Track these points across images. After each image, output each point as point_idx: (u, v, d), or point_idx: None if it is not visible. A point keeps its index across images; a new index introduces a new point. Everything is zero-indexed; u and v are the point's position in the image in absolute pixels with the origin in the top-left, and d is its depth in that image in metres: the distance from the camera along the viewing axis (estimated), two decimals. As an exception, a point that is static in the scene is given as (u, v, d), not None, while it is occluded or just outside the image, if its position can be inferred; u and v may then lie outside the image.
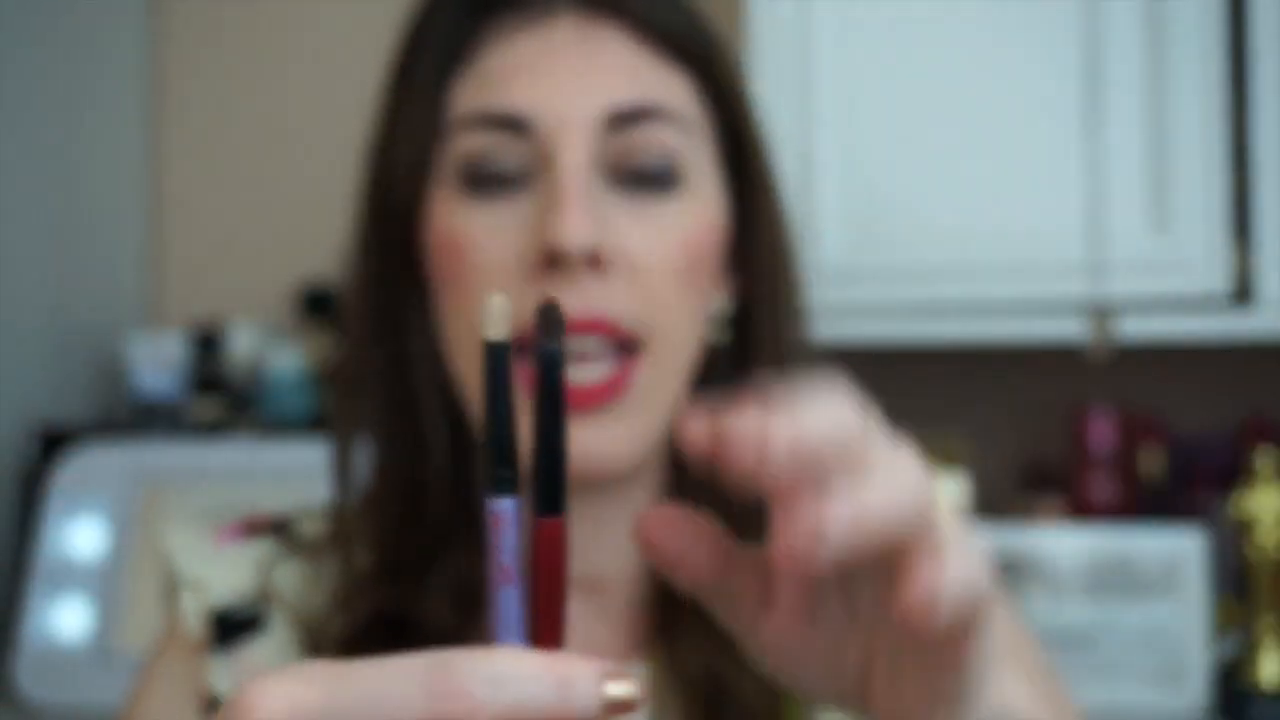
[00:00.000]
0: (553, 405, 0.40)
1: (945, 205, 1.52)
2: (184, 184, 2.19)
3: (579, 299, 0.63)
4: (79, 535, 1.67)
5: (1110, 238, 1.47)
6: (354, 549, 0.71)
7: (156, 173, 2.19)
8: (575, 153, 0.64)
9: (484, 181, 0.66)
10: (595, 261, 0.64)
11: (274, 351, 1.95)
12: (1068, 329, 1.48)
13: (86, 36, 2.04)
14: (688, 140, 0.67)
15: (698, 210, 0.68)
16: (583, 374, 0.64)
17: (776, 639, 0.46)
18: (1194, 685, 1.47)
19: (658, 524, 0.46)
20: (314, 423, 1.85)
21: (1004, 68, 1.51)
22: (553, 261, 0.63)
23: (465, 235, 0.66)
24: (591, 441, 0.64)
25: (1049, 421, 1.79)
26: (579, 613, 0.69)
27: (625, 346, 0.65)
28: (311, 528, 0.77)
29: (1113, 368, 1.57)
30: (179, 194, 2.19)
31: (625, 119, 0.65)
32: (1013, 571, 1.52)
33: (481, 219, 0.66)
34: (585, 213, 0.63)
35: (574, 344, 0.63)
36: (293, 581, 0.75)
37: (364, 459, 0.73)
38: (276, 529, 0.78)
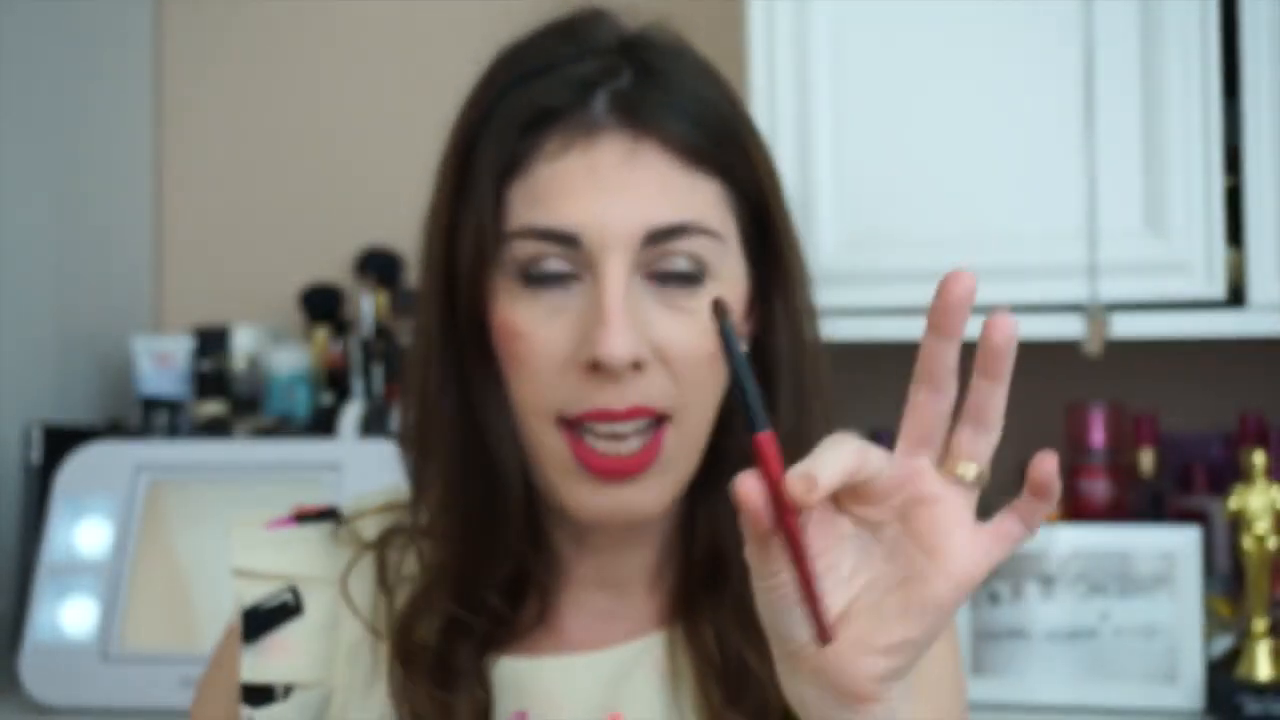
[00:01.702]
0: (736, 359, 0.60)
1: (942, 207, 1.53)
2: (188, 187, 2.20)
3: (619, 395, 0.75)
4: (84, 534, 1.68)
5: (1105, 239, 1.48)
6: (420, 532, 0.83)
7: (161, 176, 2.20)
8: (618, 268, 0.75)
9: (539, 278, 0.77)
10: (636, 366, 0.75)
11: (276, 352, 1.96)
12: (1063, 329, 1.49)
13: (93, 43, 2.05)
14: (716, 245, 0.78)
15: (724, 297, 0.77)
16: (621, 448, 0.76)
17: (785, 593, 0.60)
18: (1189, 682, 1.48)
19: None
20: (315, 422, 1.86)
21: (1000, 71, 1.52)
22: (599, 367, 0.75)
23: (524, 322, 0.77)
24: (629, 500, 0.77)
25: (1044, 421, 1.80)
26: (605, 604, 0.84)
27: (656, 420, 0.77)
28: (364, 519, 0.87)
29: (1108, 367, 1.58)
30: (183, 197, 2.20)
31: (660, 236, 0.76)
32: (1008, 570, 1.53)
33: (537, 309, 0.77)
34: (626, 329, 0.74)
35: (616, 428, 0.76)
36: (339, 558, 0.85)
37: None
38: (329, 515, 0.88)
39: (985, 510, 0.66)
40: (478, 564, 0.81)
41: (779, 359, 0.83)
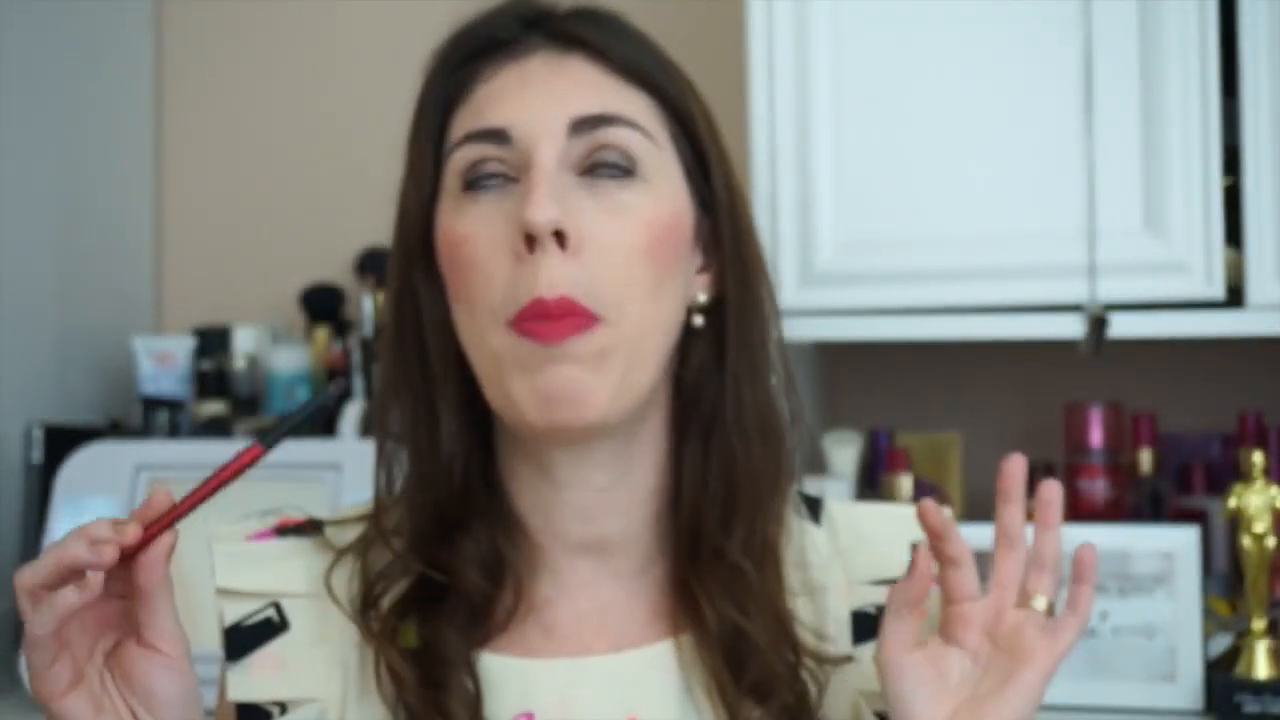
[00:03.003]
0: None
1: (941, 207, 1.53)
2: (189, 188, 2.20)
3: (549, 281, 0.76)
4: (85, 534, 1.68)
5: (1104, 240, 1.49)
6: (390, 531, 0.84)
7: (162, 177, 2.20)
8: (545, 154, 0.78)
9: (477, 180, 0.80)
10: (561, 239, 0.77)
11: (277, 352, 1.96)
12: (1062, 329, 1.50)
13: (94, 44, 2.06)
14: (647, 143, 0.81)
15: (658, 199, 0.81)
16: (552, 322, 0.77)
17: (913, 656, 0.78)
18: (1188, 682, 1.48)
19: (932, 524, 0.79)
20: (315, 422, 1.86)
21: (999, 71, 1.52)
22: (530, 242, 0.77)
23: (465, 229, 0.80)
24: (573, 379, 0.77)
25: (1043, 421, 1.81)
26: (594, 575, 0.84)
27: (589, 319, 0.77)
28: (341, 526, 0.88)
29: (1107, 367, 1.59)
30: (184, 198, 2.20)
31: (587, 123, 0.79)
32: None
33: (477, 214, 0.80)
34: (549, 196, 0.76)
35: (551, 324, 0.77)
36: (321, 571, 0.86)
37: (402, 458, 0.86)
38: (311, 527, 0.89)
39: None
40: (443, 534, 0.83)
41: (729, 297, 0.84)
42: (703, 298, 0.84)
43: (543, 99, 0.80)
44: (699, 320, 0.84)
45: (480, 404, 0.82)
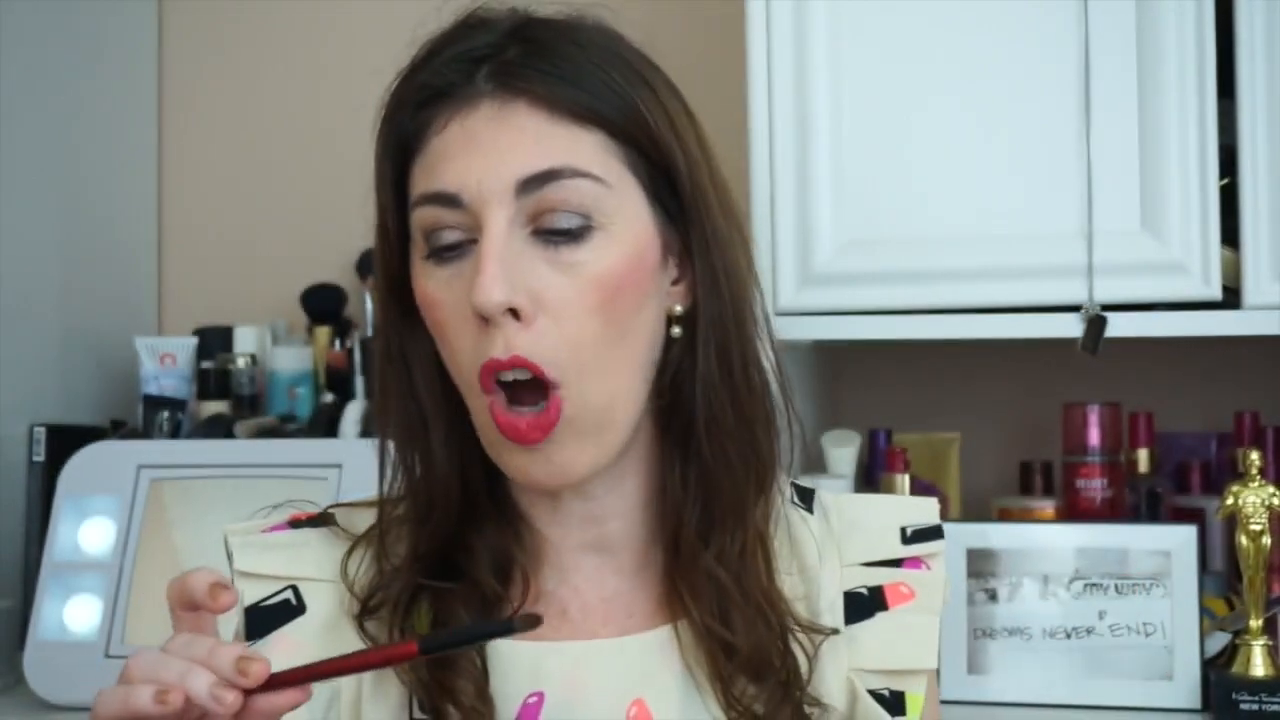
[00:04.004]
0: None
1: (940, 208, 1.53)
2: (191, 189, 2.21)
3: (503, 345, 0.78)
4: (87, 533, 1.69)
5: (1102, 240, 1.49)
6: (401, 518, 0.86)
7: (164, 178, 2.21)
8: (495, 221, 0.78)
9: (439, 250, 0.81)
10: (515, 314, 0.78)
11: (278, 352, 1.97)
12: (1061, 329, 1.50)
13: (97, 45, 2.06)
14: (598, 189, 0.80)
15: (615, 248, 0.81)
16: (522, 413, 0.79)
17: None
18: (1185, 680, 1.48)
19: None
20: (316, 422, 1.87)
21: (997, 73, 1.53)
22: (481, 317, 0.78)
23: (434, 295, 0.81)
24: (554, 462, 0.80)
25: (1042, 421, 1.82)
26: (598, 571, 0.87)
27: (545, 386, 0.79)
28: (350, 517, 0.90)
29: (1105, 367, 1.59)
30: (186, 198, 2.21)
31: (534, 182, 0.79)
32: (1006, 568, 1.54)
33: (441, 279, 0.81)
34: (497, 276, 0.77)
35: (504, 377, 0.79)
36: (337, 558, 0.88)
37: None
38: (323, 519, 0.90)
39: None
40: (451, 533, 0.85)
41: (700, 313, 0.84)
42: (679, 309, 0.85)
43: (488, 159, 0.79)
44: (676, 331, 0.85)
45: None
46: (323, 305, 2.03)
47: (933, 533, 0.94)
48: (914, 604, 0.90)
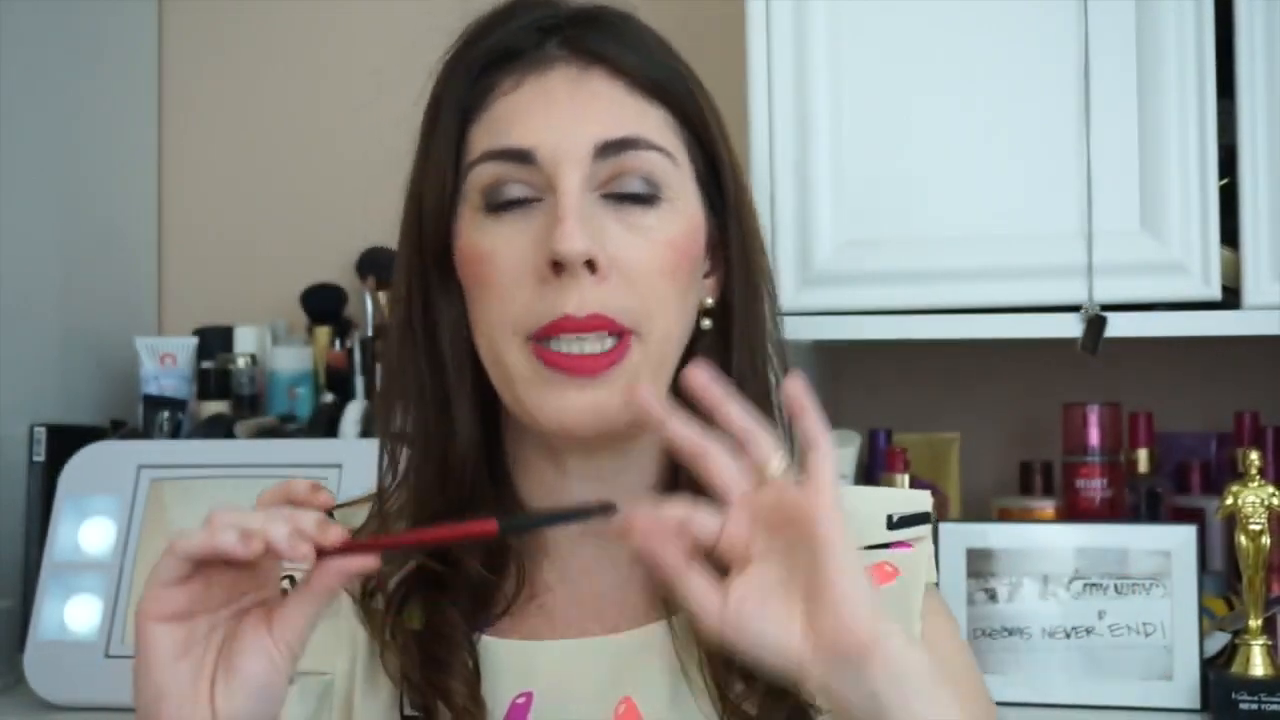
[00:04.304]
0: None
1: (940, 208, 1.53)
2: (191, 188, 2.21)
3: (579, 300, 0.79)
4: (88, 533, 1.69)
5: (1102, 240, 1.49)
6: (394, 514, 0.86)
7: (164, 178, 2.21)
8: (571, 179, 0.80)
9: (500, 205, 0.81)
10: (592, 267, 0.79)
11: (278, 352, 1.97)
12: (1060, 329, 1.50)
13: (97, 45, 2.06)
14: (667, 163, 0.83)
15: (678, 219, 0.83)
16: (586, 348, 0.80)
17: (732, 607, 0.70)
18: (1185, 680, 1.48)
19: (643, 529, 0.71)
20: (316, 422, 1.87)
21: (997, 73, 1.53)
22: (557, 268, 0.78)
23: (488, 248, 0.81)
24: (593, 401, 0.80)
25: (1041, 420, 1.82)
26: (593, 562, 0.87)
27: (619, 333, 0.80)
28: (349, 517, 0.88)
29: (1104, 367, 1.59)
30: (186, 198, 2.21)
31: (611, 148, 0.81)
32: (1006, 568, 1.54)
33: (499, 233, 0.81)
34: (580, 226, 0.78)
35: (581, 338, 0.79)
36: None
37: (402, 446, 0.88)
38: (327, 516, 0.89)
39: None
40: (437, 505, 0.84)
41: (736, 300, 0.87)
42: (709, 301, 0.87)
43: (566, 120, 0.81)
44: (706, 323, 0.87)
45: (488, 392, 0.85)
46: (323, 305, 2.03)
47: (919, 519, 0.94)
48: (899, 581, 0.90)
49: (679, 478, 0.85)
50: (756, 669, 0.81)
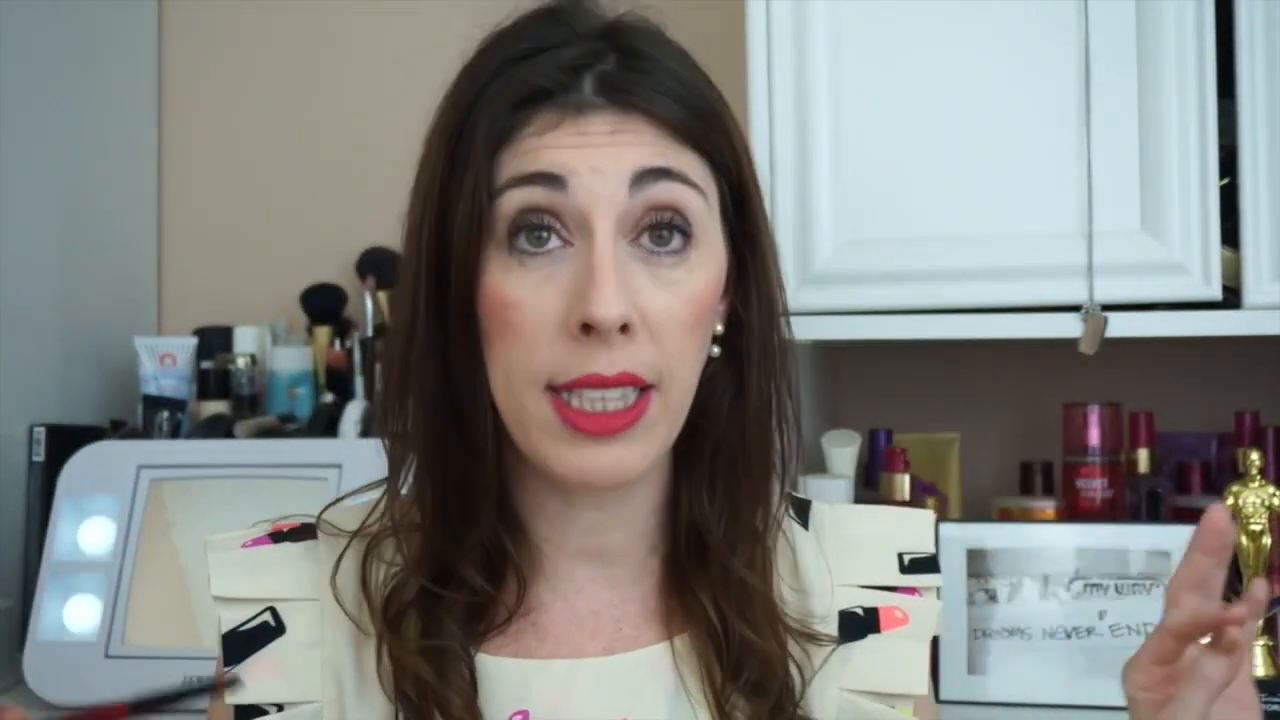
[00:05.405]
0: None
1: (940, 208, 1.53)
2: (191, 189, 2.21)
3: (608, 360, 0.77)
4: (87, 533, 1.69)
5: (1102, 241, 1.49)
6: (401, 525, 0.85)
7: (164, 178, 2.21)
8: (605, 224, 0.78)
9: (526, 236, 0.79)
10: (625, 329, 0.77)
11: (278, 352, 1.97)
12: (1061, 329, 1.50)
13: (97, 45, 2.06)
14: (701, 202, 0.81)
15: (704, 269, 0.82)
16: (607, 405, 0.78)
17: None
18: (1185, 680, 1.48)
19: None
20: (316, 422, 1.87)
21: (997, 73, 1.53)
22: (588, 329, 0.77)
23: (513, 295, 0.79)
24: (612, 458, 0.79)
25: (1042, 421, 1.82)
26: (590, 582, 0.86)
27: (642, 388, 0.79)
28: (338, 533, 0.88)
29: (1105, 367, 1.59)
30: (186, 199, 2.21)
31: (650, 175, 0.79)
32: (1006, 568, 1.54)
33: (526, 280, 0.79)
34: (617, 290, 0.76)
35: (605, 394, 0.78)
36: (318, 574, 0.87)
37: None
38: (306, 532, 0.89)
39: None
40: (452, 539, 0.83)
41: (752, 337, 0.86)
42: (720, 329, 0.86)
43: (603, 148, 0.79)
44: (715, 350, 0.86)
45: (496, 418, 0.83)
46: (323, 305, 2.03)
47: (929, 564, 0.94)
48: (907, 629, 0.90)
49: (680, 504, 0.86)
50: (761, 687, 0.81)
